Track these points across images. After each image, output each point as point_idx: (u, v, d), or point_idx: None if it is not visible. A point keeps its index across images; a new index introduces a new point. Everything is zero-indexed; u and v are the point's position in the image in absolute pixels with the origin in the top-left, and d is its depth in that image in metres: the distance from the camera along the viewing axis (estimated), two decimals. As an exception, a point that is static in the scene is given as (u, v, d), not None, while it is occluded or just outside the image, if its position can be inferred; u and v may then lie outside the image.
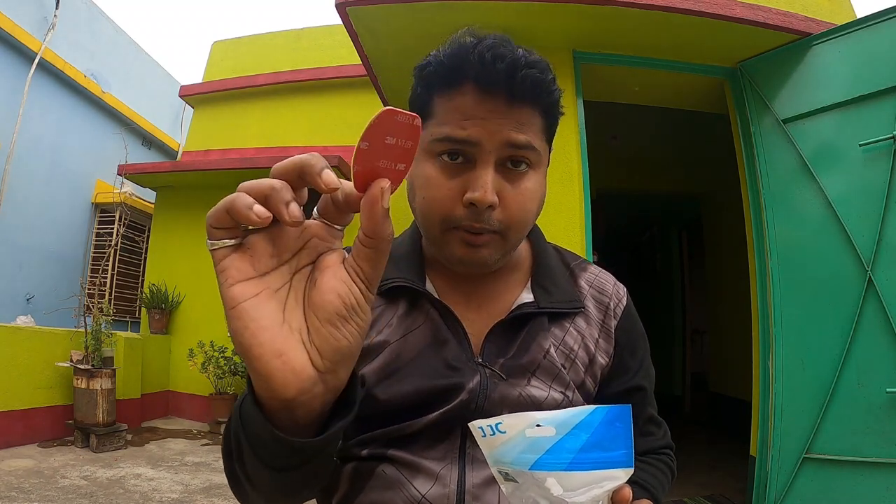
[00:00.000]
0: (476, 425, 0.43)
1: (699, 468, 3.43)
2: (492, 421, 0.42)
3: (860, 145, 2.32)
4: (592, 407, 0.41)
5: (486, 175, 0.54)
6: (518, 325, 0.63)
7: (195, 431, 4.62)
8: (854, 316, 2.27)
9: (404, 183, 0.59)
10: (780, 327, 2.50)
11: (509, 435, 0.42)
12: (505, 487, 0.43)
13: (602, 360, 0.66)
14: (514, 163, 0.56)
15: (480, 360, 0.61)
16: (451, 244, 0.58)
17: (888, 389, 2.14)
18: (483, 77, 0.54)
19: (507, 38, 0.56)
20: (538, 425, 0.41)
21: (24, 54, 5.35)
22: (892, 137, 2.23)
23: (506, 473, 0.43)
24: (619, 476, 0.41)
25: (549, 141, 0.62)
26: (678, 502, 2.85)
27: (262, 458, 0.39)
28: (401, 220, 0.71)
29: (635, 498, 0.54)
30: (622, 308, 0.69)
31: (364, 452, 0.60)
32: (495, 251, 0.58)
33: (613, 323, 0.68)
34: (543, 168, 0.61)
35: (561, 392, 0.61)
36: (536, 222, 0.75)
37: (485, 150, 0.55)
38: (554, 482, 0.40)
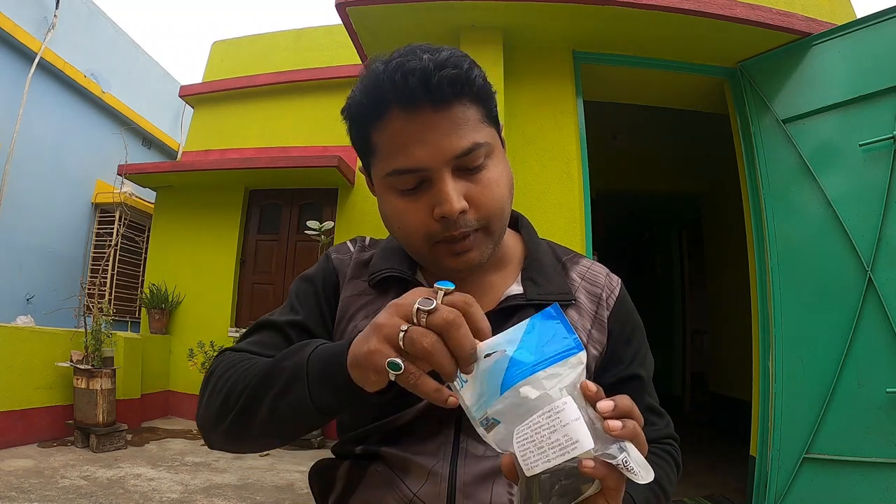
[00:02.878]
0: (453, 381, 0.44)
1: (699, 468, 3.43)
2: (461, 375, 0.43)
3: (860, 145, 2.33)
4: (527, 320, 0.43)
5: (445, 188, 0.55)
6: (505, 317, 0.63)
7: (195, 431, 4.61)
8: (854, 316, 2.27)
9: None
10: (780, 327, 2.50)
11: (471, 377, 0.43)
12: (493, 438, 0.43)
13: (594, 351, 0.66)
14: (468, 164, 0.56)
15: None
16: (440, 258, 0.59)
17: (888, 389, 2.14)
18: (402, 98, 0.54)
19: (414, 48, 0.56)
20: (488, 354, 0.42)
21: (24, 54, 5.35)
22: (892, 137, 2.23)
23: (486, 420, 0.43)
24: (581, 359, 0.42)
25: (493, 120, 0.61)
26: (678, 502, 2.85)
27: (320, 398, 0.49)
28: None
29: (644, 486, 0.54)
30: (615, 298, 0.69)
31: (358, 450, 0.60)
32: (484, 247, 0.60)
33: (606, 313, 0.67)
34: (499, 151, 0.61)
35: None
36: (530, 219, 0.76)
37: (434, 169, 0.55)
38: (528, 388, 0.41)
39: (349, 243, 0.74)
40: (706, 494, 2.98)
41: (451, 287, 0.44)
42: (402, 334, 0.42)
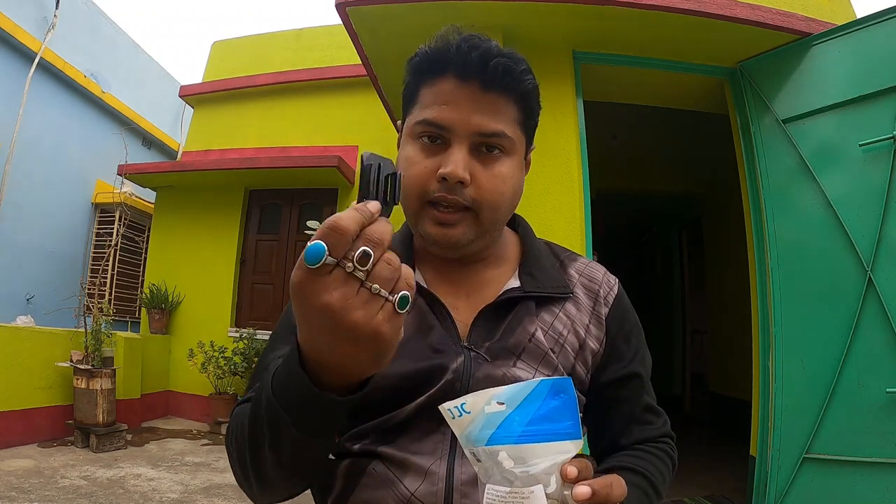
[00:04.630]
0: (445, 408, 0.44)
1: (699, 468, 3.43)
2: (458, 402, 0.43)
3: (860, 145, 2.32)
4: (538, 380, 0.43)
5: (457, 153, 0.58)
6: (505, 309, 0.64)
7: (195, 431, 4.62)
8: (854, 316, 2.27)
9: None
10: (780, 327, 2.50)
11: (473, 414, 0.43)
12: (476, 469, 0.44)
13: (593, 345, 0.66)
14: (487, 148, 0.60)
15: (466, 344, 0.62)
16: (425, 222, 0.61)
17: (888, 389, 2.14)
18: (459, 65, 0.58)
19: (486, 36, 0.61)
20: (496, 402, 0.42)
21: (24, 54, 5.35)
22: (892, 137, 2.23)
23: (473, 454, 0.43)
24: (569, 448, 0.41)
25: (528, 132, 0.64)
26: (678, 502, 2.85)
27: (306, 424, 0.45)
28: (398, 221, 0.71)
29: (637, 485, 0.55)
30: (613, 296, 0.70)
31: (356, 448, 0.60)
32: (468, 230, 0.61)
33: (604, 311, 0.68)
34: (518, 157, 0.64)
35: (547, 376, 0.62)
36: (530, 219, 0.77)
37: (457, 134, 0.59)
38: (505, 455, 0.41)
39: None
40: (706, 494, 2.98)
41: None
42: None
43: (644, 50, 2.83)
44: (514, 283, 0.67)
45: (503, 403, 0.42)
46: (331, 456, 0.66)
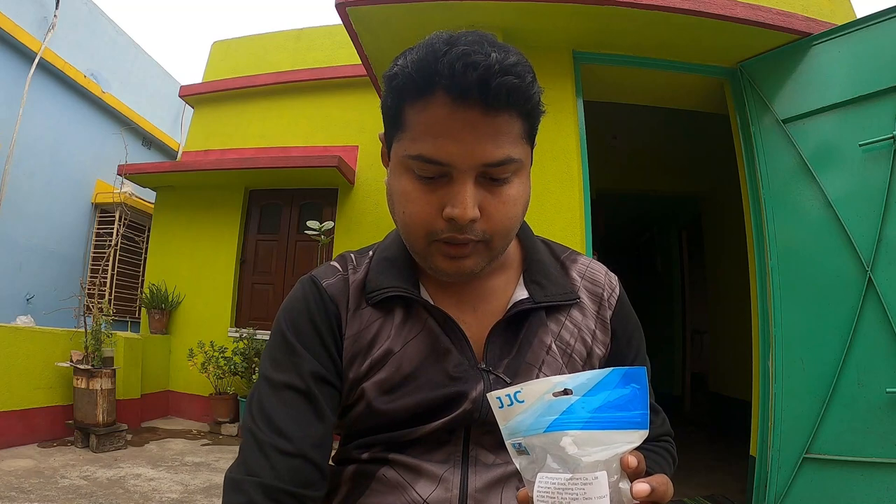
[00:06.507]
0: (494, 395, 0.43)
1: (699, 468, 3.42)
2: (510, 390, 0.42)
3: (860, 145, 2.32)
4: (609, 369, 0.42)
5: (464, 191, 0.52)
6: (517, 322, 0.63)
7: (195, 431, 4.62)
8: (854, 316, 2.27)
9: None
10: (780, 327, 2.50)
11: (528, 403, 0.42)
12: (519, 462, 0.43)
13: (599, 351, 0.66)
14: (493, 177, 0.54)
15: (483, 366, 0.60)
16: (434, 257, 0.57)
17: (888, 389, 2.14)
18: (454, 88, 0.50)
19: (482, 39, 0.52)
20: (556, 390, 0.41)
21: (24, 54, 5.35)
22: (892, 137, 2.23)
23: (519, 445, 0.43)
24: (634, 438, 0.41)
25: (532, 139, 0.59)
26: (678, 502, 2.84)
27: None
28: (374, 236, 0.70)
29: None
30: (616, 297, 0.69)
31: (365, 456, 0.60)
32: (480, 259, 0.58)
33: (608, 313, 0.67)
34: (526, 171, 0.59)
35: None
36: (530, 220, 0.75)
37: (460, 169, 0.52)
38: (570, 441, 0.40)
39: (335, 264, 0.67)
40: (706, 494, 2.98)
41: None
42: None
43: (644, 50, 2.83)
44: (522, 292, 0.64)
45: (569, 391, 0.41)
46: (331, 463, 0.65)
